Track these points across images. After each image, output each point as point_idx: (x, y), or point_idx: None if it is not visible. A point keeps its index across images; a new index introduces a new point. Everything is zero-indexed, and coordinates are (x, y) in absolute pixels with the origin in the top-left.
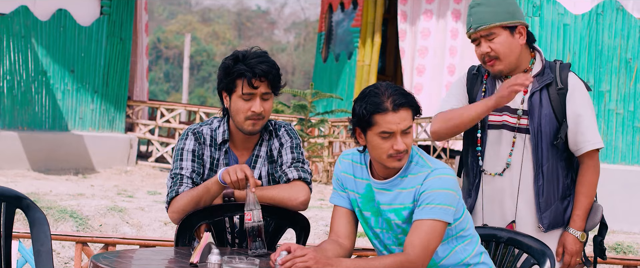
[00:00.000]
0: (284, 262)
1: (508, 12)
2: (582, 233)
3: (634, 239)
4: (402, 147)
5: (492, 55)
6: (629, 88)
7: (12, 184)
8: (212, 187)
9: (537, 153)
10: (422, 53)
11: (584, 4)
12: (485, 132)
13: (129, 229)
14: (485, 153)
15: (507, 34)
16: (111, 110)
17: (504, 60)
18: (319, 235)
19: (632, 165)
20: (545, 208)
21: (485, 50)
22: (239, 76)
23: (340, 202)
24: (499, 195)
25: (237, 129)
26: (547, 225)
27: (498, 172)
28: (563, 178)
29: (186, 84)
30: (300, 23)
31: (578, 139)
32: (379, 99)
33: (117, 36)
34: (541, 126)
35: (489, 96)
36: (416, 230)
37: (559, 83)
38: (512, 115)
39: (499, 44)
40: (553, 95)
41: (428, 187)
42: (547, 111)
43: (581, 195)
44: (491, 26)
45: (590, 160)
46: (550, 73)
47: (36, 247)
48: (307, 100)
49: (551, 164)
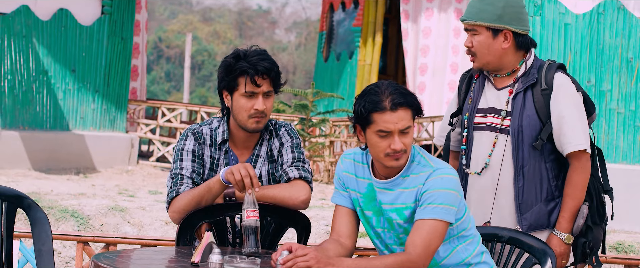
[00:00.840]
0: (285, 262)
1: (497, 15)
2: (567, 235)
3: (635, 238)
4: (399, 147)
5: (472, 50)
6: (630, 87)
7: (13, 184)
8: (214, 186)
9: (517, 154)
10: (424, 52)
11: (585, 4)
12: (471, 133)
13: (130, 229)
14: (470, 155)
15: (488, 35)
16: (112, 110)
17: (480, 59)
18: (320, 234)
19: (633, 165)
20: (525, 210)
21: (467, 44)
22: (241, 74)
23: (341, 202)
24: (478, 194)
25: (239, 128)
26: (527, 227)
27: (477, 171)
28: (550, 179)
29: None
30: (301, 22)
31: (561, 140)
32: (378, 98)
33: (118, 36)
34: (522, 127)
35: (475, 97)
36: (418, 229)
37: (543, 84)
38: (497, 116)
39: (478, 42)
40: (537, 96)
41: (430, 187)
42: (530, 112)
43: (567, 196)
44: (474, 23)
45: (577, 161)
46: (536, 74)
47: (37, 246)
48: (308, 100)
49: (533, 165)
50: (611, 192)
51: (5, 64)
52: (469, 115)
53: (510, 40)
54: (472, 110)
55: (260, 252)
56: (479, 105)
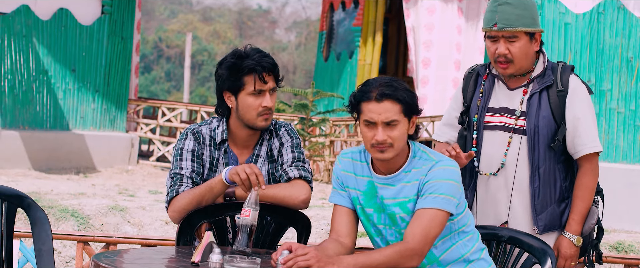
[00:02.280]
0: (286, 261)
1: (533, 18)
2: (577, 238)
3: (635, 238)
4: (381, 138)
5: (508, 57)
6: (630, 87)
7: (13, 183)
8: (216, 186)
9: (533, 155)
10: (426, 46)
11: (585, 3)
12: (481, 133)
13: (130, 228)
14: (480, 154)
15: (527, 40)
16: (112, 110)
17: (517, 64)
18: (320, 234)
19: (633, 164)
20: (541, 211)
21: (503, 51)
22: (249, 72)
23: (340, 201)
24: (493, 195)
25: (240, 128)
26: (543, 227)
27: (493, 172)
28: (561, 181)
29: (187, 83)
30: (301, 22)
31: (576, 142)
32: (368, 88)
33: (118, 35)
34: (538, 128)
35: (486, 96)
36: (418, 218)
37: (559, 85)
38: (510, 116)
39: (518, 48)
40: (553, 98)
41: (432, 177)
42: (545, 113)
43: (578, 198)
44: (517, 30)
45: (589, 163)
46: (551, 75)
47: (37, 246)
48: (308, 100)
49: (548, 166)
50: (602, 192)
51: (6, 63)
52: (478, 116)
53: (539, 41)
54: (482, 110)
55: (249, 251)
56: (490, 105)
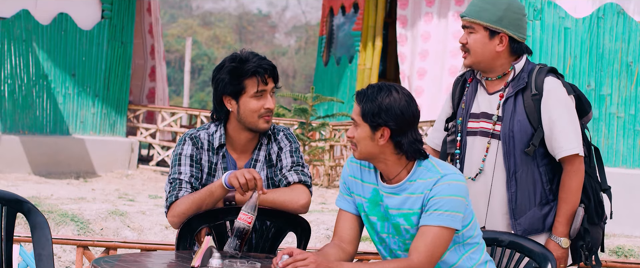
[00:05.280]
0: (285, 266)
1: (497, 16)
2: (565, 239)
3: (634, 243)
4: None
5: (466, 47)
6: (630, 91)
7: (13, 188)
8: (216, 190)
9: (508, 160)
10: (422, 56)
11: (585, 8)
12: (464, 138)
13: (130, 233)
14: (464, 158)
15: (485, 35)
16: (112, 114)
17: (473, 57)
18: (320, 238)
19: (633, 169)
20: (519, 215)
21: (462, 40)
22: (251, 75)
23: (345, 206)
24: (473, 200)
25: (240, 132)
26: (522, 232)
27: (471, 177)
28: (544, 183)
29: (187, 88)
30: (301, 27)
31: (553, 146)
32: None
33: (118, 40)
34: (513, 132)
35: (468, 100)
36: (422, 236)
37: (533, 89)
38: (489, 121)
39: (474, 40)
40: (527, 101)
41: (437, 193)
42: (521, 117)
43: (562, 201)
44: (472, 21)
45: (570, 165)
46: (526, 78)
47: (37, 250)
48: (308, 104)
49: (526, 171)
50: (609, 190)
51: (5, 68)
52: (462, 120)
53: (505, 45)
54: (466, 115)
55: (239, 255)
56: (472, 110)
